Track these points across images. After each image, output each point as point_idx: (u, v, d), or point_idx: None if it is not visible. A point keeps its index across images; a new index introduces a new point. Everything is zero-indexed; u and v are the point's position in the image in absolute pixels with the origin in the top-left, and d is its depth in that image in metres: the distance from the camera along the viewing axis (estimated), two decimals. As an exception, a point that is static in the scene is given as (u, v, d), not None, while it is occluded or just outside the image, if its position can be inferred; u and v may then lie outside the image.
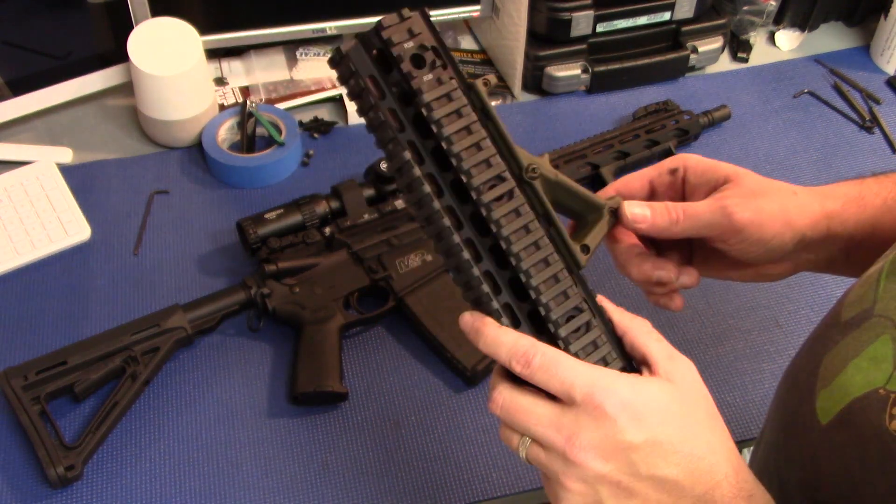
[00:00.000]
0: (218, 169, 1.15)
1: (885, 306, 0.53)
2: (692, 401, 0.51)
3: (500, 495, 0.88)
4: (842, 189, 0.65)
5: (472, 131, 0.51)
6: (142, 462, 0.89)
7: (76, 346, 0.92)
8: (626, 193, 0.64)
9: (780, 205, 0.61)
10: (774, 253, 0.62)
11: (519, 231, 0.52)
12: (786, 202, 0.62)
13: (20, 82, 1.15)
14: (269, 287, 0.97)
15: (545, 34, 1.25)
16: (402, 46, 0.50)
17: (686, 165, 0.64)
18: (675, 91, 1.30)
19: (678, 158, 0.65)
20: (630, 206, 0.60)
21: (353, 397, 0.94)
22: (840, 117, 1.28)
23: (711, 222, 0.61)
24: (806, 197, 0.63)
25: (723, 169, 0.63)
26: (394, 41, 0.50)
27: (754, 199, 0.61)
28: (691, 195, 0.64)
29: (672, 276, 0.62)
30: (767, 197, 0.61)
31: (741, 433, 0.92)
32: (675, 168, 0.64)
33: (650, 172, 0.65)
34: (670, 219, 0.61)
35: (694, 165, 0.64)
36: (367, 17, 1.25)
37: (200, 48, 1.14)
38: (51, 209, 1.08)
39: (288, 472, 0.89)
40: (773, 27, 1.41)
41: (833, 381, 0.54)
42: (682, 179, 0.64)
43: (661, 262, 0.63)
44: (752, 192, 0.61)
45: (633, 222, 0.60)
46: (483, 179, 0.51)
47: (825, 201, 0.63)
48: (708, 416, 0.51)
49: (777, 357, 0.99)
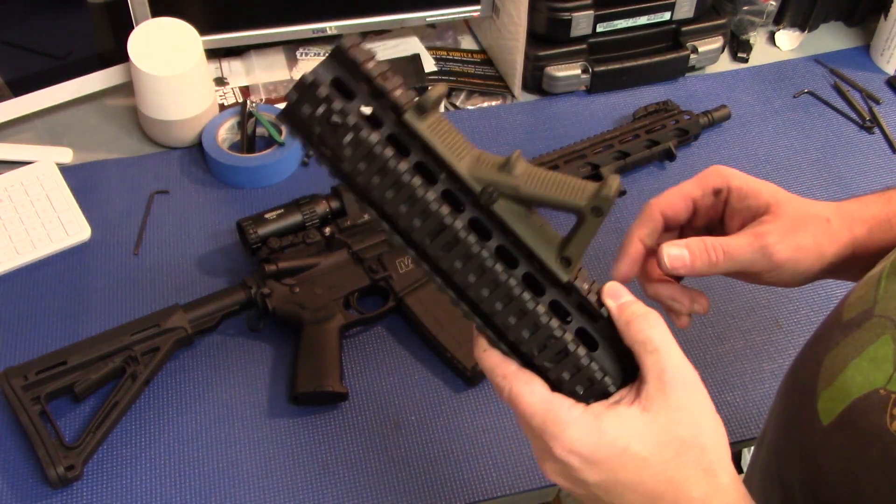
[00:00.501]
0: (218, 169, 1.15)
1: (886, 306, 0.53)
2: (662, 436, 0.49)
3: (500, 495, 0.88)
4: (869, 210, 0.65)
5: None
6: (142, 462, 0.89)
7: (76, 346, 0.92)
8: (669, 215, 0.63)
9: (814, 238, 0.61)
10: (801, 278, 0.63)
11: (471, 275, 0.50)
12: (819, 233, 0.61)
13: (20, 82, 1.15)
14: (270, 287, 0.97)
15: (545, 34, 1.25)
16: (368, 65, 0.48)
17: (730, 187, 0.63)
18: (675, 91, 1.30)
19: (721, 176, 0.63)
20: (667, 249, 0.59)
21: (353, 397, 0.94)
22: (840, 117, 1.28)
23: (751, 262, 0.60)
24: (837, 224, 0.63)
25: (764, 196, 0.62)
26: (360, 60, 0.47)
27: (793, 233, 0.60)
28: (730, 219, 0.63)
29: (685, 308, 0.62)
30: (805, 229, 0.61)
31: (741, 433, 0.93)
32: (720, 189, 0.63)
33: (693, 191, 0.63)
34: (710, 261, 0.60)
35: (737, 188, 0.63)
36: (367, 18, 1.25)
37: (200, 48, 1.14)
38: (51, 209, 1.09)
39: (288, 472, 0.89)
40: (773, 27, 1.41)
41: (834, 382, 0.54)
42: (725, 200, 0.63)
43: (677, 293, 0.62)
44: (792, 224, 0.61)
45: (671, 268, 0.59)
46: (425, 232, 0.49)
47: (854, 226, 0.63)
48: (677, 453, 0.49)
49: (777, 357, 0.99)
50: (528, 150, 1.19)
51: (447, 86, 1.25)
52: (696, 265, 0.59)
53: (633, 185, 1.16)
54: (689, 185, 0.64)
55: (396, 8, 1.25)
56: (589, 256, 1.08)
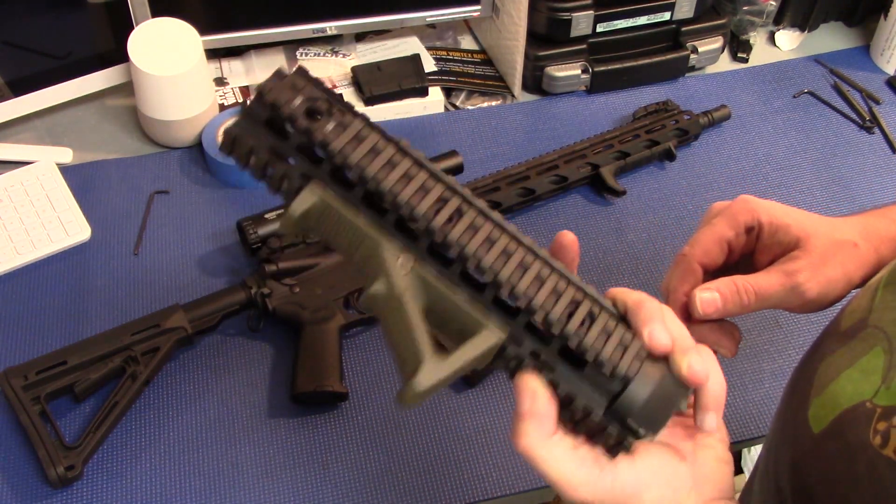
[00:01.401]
0: (218, 169, 1.15)
1: (879, 317, 0.53)
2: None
3: (500, 495, 0.88)
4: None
5: (395, 163, 0.47)
6: (142, 462, 0.89)
7: (76, 346, 0.92)
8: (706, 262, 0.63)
9: (843, 267, 0.62)
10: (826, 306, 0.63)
11: (484, 244, 0.47)
12: (847, 261, 0.62)
13: (20, 82, 1.15)
14: (270, 287, 0.97)
15: (545, 34, 1.25)
16: (290, 105, 0.47)
17: (760, 223, 0.63)
18: (675, 91, 1.30)
19: (751, 211, 0.63)
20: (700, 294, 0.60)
21: (353, 397, 0.94)
22: (840, 117, 1.28)
23: (781, 300, 0.61)
24: (865, 247, 0.63)
25: (794, 230, 0.62)
26: (280, 102, 0.47)
27: (823, 267, 0.61)
28: (760, 253, 0.64)
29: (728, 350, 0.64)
30: (834, 261, 0.61)
31: (741, 433, 0.93)
32: (752, 227, 0.63)
33: (727, 232, 0.63)
34: (742, 304, 0.61)
35: (768, 223, 0.63)
36: (367, 18, 1.25)
37: (200, 48, 1.14)
38: (51, 209, 1.09)
39: (288, 472, 0.89)
40: (773, 27, 1.41)
41: (825, 390, 0.54)
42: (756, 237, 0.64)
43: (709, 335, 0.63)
44: (822, 258, 0.61)
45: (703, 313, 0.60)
46: (426, 206, 0.47)
47: (881, 246, 0.63)
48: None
49: (777, 357, 0.99)
50: (528, 150, 1.19)
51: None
52: (728, 308, 0.61)
53: (633, 185, 1.15)
54: (721, 227, 0.64)
55: (396, 8, 1.25)
56: (589, 256, 1.08)
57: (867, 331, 0.53)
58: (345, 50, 1.31)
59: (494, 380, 0.96)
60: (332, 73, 1.28)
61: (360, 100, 1.24)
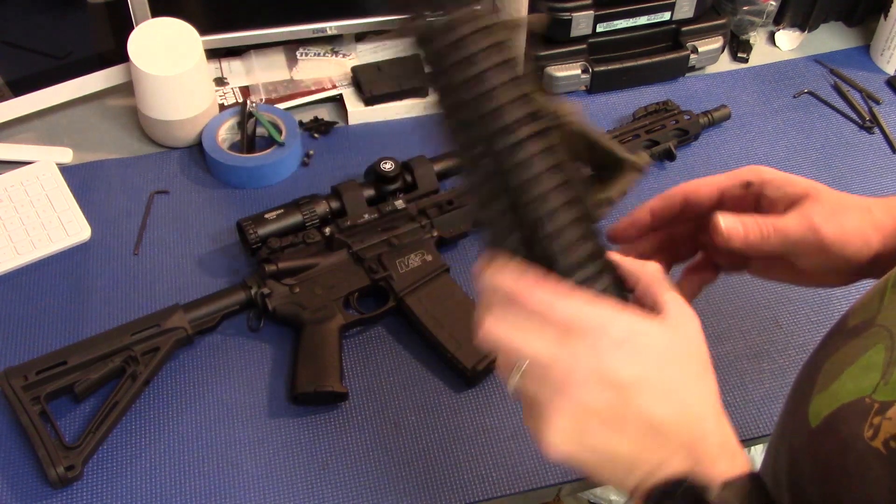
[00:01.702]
0: (218, 169, 1.15)
1: (886, 316, 0.53)
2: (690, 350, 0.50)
3: (500, 495, 0.88)
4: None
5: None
6: (142, 462, 0.89)
7: (76, 346, 0.92)
8: (692, 199, 0.63)
9: (859, 222, 0.61)
10: (850, 269, 0.62)
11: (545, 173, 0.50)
12: (863, 220, 0.61)
13: (20, 82, 1.15)
14: (269, 287, 0.97)
15: (545, 34, 1.25)
16: None
17: (763, 179, 0.63)
18: (675, 91, 1.30)
19: (753, 171, 0.63)
20: (724, 219, 0.59)
21: (353, 397, 0.94)
22: (840, 117, 1.28)
23: (799, 239, 0.60)
24: (879, 213, 0.62)
25: (800, 184, 0.62)
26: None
27: (837, 215, 0.60)
28: (770, 209, 0.63)
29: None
30: (848, 213, 0.60)
31: (741, 433, 0.93)
32: (750, 182, 0.63)
33: (721, 181, 0.63)
34: (762, 235, 0.59)
35: (772, 179, 0.62)
36: (367, 18, 1.25)
37: (200, 48, 1.14)
38: (51, 209, 1.09)
39: (288, 472, 0.89)
40: (773, 27, 1.41)
41: (828, 387, 0.54)
42: (757, 194, 0.63)
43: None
44: (834, 208, 0.60)
45: (727, 237, 0.59)
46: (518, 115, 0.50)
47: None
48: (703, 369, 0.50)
49: (777, 357, 0.99)
50: (528, 150, 1.19)
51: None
52: (749, 236, 0.59)
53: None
54: (718, 176, 0.64)
55: (394, 8, 1.25)
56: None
57: (873, 329, 0.53)
58: (345, 50, 1.31)
59: (495, 380, 0.96)
60: (332, 73, 1.28)
61: (360, 100, 1.24)
